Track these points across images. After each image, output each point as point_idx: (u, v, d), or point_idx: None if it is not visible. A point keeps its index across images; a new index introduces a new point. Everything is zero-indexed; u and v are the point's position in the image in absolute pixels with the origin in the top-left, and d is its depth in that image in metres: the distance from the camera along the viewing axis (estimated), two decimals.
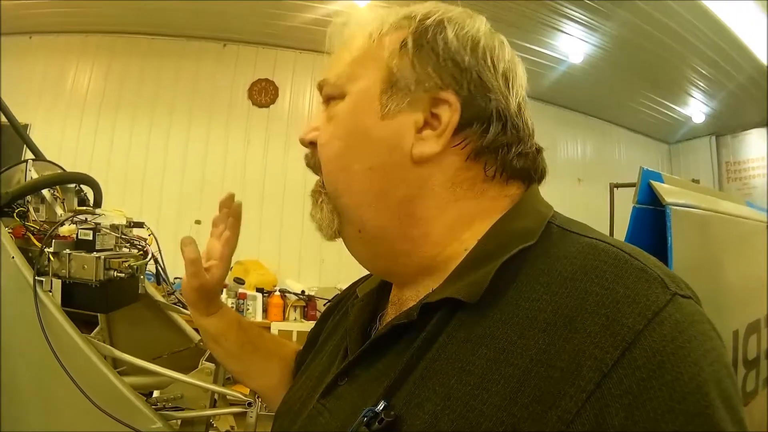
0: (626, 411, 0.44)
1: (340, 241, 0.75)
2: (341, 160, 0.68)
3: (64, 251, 1.24)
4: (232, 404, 1.26)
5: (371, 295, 0.81)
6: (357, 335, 0.74)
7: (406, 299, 0.70)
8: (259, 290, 4.72)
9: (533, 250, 0.59)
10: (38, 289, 1.15)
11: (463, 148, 0.65)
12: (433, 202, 0.65)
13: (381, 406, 0.56)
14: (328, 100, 0.72)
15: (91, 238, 1.30)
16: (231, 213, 1.06)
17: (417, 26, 0.66)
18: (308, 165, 0.75)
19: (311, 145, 0.73)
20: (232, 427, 1.49)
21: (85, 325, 1.56)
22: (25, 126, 4.64)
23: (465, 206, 0.66)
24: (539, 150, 0.70)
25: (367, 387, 0.62)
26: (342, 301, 0.93)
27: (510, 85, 0.67)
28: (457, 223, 0.66)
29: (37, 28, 4.91)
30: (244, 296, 4.61)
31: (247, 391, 1.22)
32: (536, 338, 0.51)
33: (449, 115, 0.63)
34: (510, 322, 0.54)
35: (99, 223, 1.35)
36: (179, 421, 1.19)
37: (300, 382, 0.83)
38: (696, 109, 6.73)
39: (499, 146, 0.65)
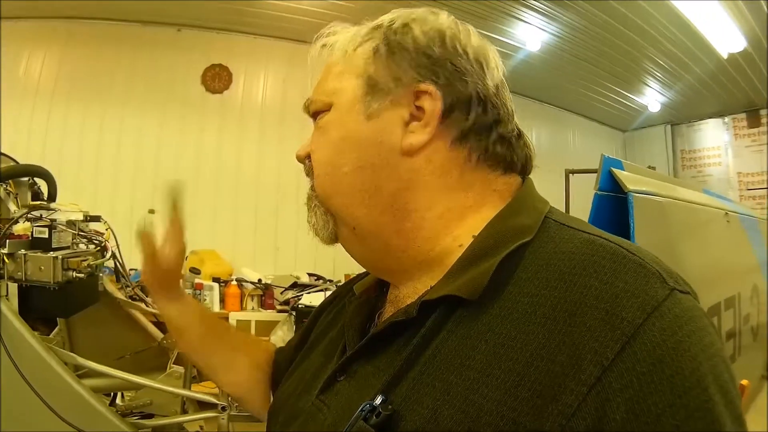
0: (627, 405, 0.44)
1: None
2: (330, 164, 0.71)
3: (20, 252, 1.16)
4: (202, 405, 1.22)
5: (369, 292, 0.81)
6: (355, 332, 0.74)
7: (403, 297, 0.71)
8: (216, 280, 4.62)
9: (531, 246, 0.60)
10: None
11: (448, 134, 0.67)
12: (424, 193, 0.67)
13: (379, 400, 0.56)
14: (316, 115, 0.74)
15: (46, 236, 1.22)
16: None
17: (386, 32, 0.69)
18: (307, 175, 0.77)
19: (307, 159, 0.76)
20: (201, 427, 1.45)
21: (44, 323, 1.50)
22: None
23: (454, 198, 0.67)
24: (520, 134, 0.72)
25: (365, 383, 0.62)
26: (337, 298, 0.93)
27: (484, 68, 0.69)
28: (448, 215, 0.67)
29: None
30: (200, 287, 4.51)
31: (217, 391, 1.18)
32: (536, 333, 0.51)
33: (432, 104, 0.65)
34: (509, 318, 0.54)
35: (55, 220, 1.28)
36: (150, 429, 1.14)
37: (293, 378, 0.82)
38: (652, 98, 6.84)
39: (482, 128, 0.67)
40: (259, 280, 4.71)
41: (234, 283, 4.62)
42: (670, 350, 0.46)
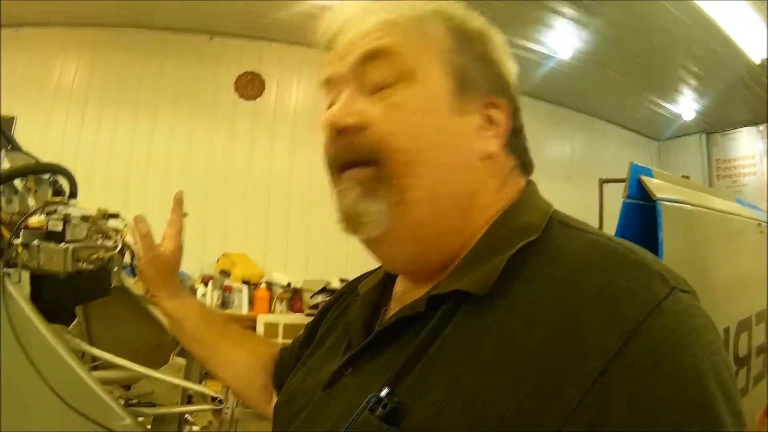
0: (629, 400, 0.46)
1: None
2: (421, 152, 0.66)
3: (33, 242, 1.20)
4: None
5: (374, 291, 0.82)
6: (360, 329, 0.75)
7: (410, 293, 0.72)
8: (246, 282, 4.68)
9: (536, 244, 0.61)
10: (6, 280, 1.11)
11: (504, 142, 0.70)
12: (483, 196, 0.69)
13: (385, 392, 0.57)
14: (382, 85, 0.67)
15: (61, 229, 1.25)
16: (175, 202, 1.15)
17: (458, 28, 0.70)
18: (346, 153, 0.68)
19: (343, 131, 0.67)
20: (210, 423, 1.46)
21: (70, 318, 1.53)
22: (11, 119, 4.59)
23: (498, 200, 0.69)
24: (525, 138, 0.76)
25: (372, 377, 0.63)
26: (341, 297, 0.93)
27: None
28: (491, 217, 0.68)
29: (24, 20, 4.82)
30: (230, 288, 4.58)
31: (219, 387, 1.20)
32: (540, 328, 0.52)
33: (504, 117, 0.69)
34: (515, 313, 0.55)
35: (69, 214, 1.31)
36: (151, 418, 1.16)
37: (299, 374, 0.83)
38: (686, 106, 6.73)
39: (519, 135, 0.73)
40: (289, 284, 4.75)
41: (263, 286, 4.67)
42: (671, 347, 0.47)
